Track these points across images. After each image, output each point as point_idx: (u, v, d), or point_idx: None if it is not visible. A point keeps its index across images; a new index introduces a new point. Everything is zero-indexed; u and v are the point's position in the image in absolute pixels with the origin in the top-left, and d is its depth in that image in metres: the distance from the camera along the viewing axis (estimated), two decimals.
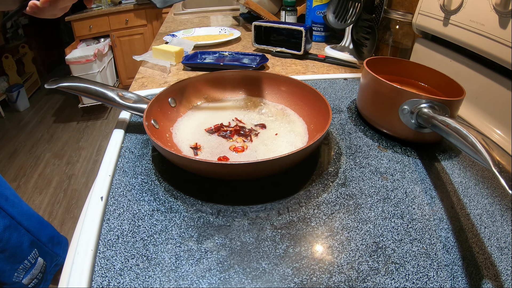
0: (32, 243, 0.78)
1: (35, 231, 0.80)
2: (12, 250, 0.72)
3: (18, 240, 0.74)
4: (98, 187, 0.36)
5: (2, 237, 0.70)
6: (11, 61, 2.59)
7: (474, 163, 0.42)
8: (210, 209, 0.34)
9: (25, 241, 0.76)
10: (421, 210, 0.34)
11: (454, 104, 0.41)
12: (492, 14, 0.45)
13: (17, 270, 0.74)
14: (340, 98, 0.58)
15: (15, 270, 0.73)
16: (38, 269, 0.79)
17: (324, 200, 0.35)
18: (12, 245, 0.72)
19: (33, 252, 0.78)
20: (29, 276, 0.77)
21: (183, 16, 1.37)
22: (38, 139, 2.28)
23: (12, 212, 0.74)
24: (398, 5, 0.77)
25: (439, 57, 0.60)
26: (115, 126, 0.48)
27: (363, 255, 0.29)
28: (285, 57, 0.81)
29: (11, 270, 0.73)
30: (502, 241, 0.31)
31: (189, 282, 0.27)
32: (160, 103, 0.46)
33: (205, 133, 0.46)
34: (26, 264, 0.76)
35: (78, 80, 0.45)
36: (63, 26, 3.34)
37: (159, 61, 0.75)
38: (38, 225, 0.83)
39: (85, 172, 1.94)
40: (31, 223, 0.80)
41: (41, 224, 0.84)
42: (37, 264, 0.79)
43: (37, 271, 0.79)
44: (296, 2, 0.97)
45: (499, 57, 0.45)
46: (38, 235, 0.81)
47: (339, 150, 0.44)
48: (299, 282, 0.27)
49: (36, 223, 0.82)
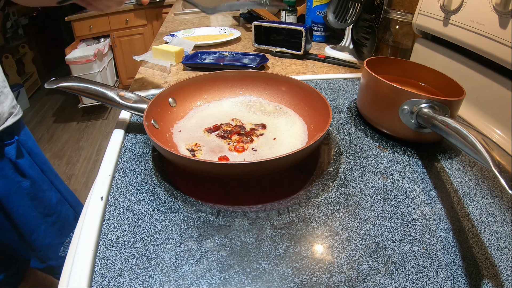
0: (75, 217, 0.82)
1: (76, 206, 0.85)
2: (62, 222, 0.76)
3: (66, 213, 0.78)
4: (98, 187, 0.36)
5: (55, 209, 0.74)
6: (11, 61, 2.59)
7: (474, 163, 0.42)
8: (210, 209, 0.34)
9: (70, 215, 0.80)
10: (421, 210, 0.34)
11: (454, 104, 0.41)
12: (492, 14, 0.45)
13: (63, 244, 0.77)
14: (340, 98, 0.58)
15: (61, 244, 0.77)
16: None
17: (324, 200, 0.35)
18: (62, 218, 0.76)
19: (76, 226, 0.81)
20: None
21: (183, 16, 1.37)
22: (38, 139, 2.28)
23: (60, 187, 0.78)
24: (398, 5, 0.77)
25: (439, 57, 0.60)
26: (115, 126, 0.48)
27: (363, 255, 0.29)
28: (285, 57, 0.81)
29: (58, 244, 0.76)
30: (502, 241, 0.31)
31: (189, 282, 0.27)
32: (160, 103, 0.46)
33: (205, 133, 0.46)
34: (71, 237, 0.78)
35: (78, 80, 0.45)
36: (63, 26, 3.34)
37: (159, 61, 0.75)
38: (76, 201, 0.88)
39: (85, 172, 1.94)
40: (73, 199, 0.84)
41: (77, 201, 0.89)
42: None
43: None
44: (296, 2, 0.97)
45: (499, 57, 0.45)
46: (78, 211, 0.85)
47: (339, 150, 0.44)
48: (299, 282, 0.27)
49: (75, 199, 0.87)
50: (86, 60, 2.28)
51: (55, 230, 0.74)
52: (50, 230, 0.72)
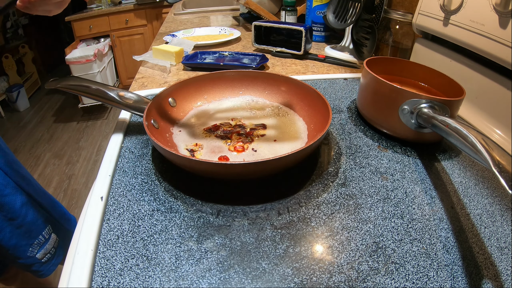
0: (46, 219, 0.81)
1: (49, 207, 0.83)
2: (28, 225, 0.75)
3: (34, 216, 0.76)
4: (98, 187, 0.36)
5: (20, 213, 0.72)
6: (11, 61, 2.59)
7: (474, 163, 0.42)
8: (210, 209, 0.34)
9: (40, 217, 0.78)
10: (421, 210, 0.34)
11: (454, 104, 0.41)
12: (492, 14, 0.45)
13: (31, 245, 0.76)
14: (340, 98, 0.58)
15: (29, 245, 0.76)
16: (51, 244, 0.82)
17: (324, 200, 0.35)
18: (28, 221, 0.74)
19: (47, 227, 0.81)
20: (42, 251, 0.79)
21: (183, 16, 1.37)
22: (38, 139, 2.28)
23: (28, 189, 0.76)
24: (398, 5, 0.77)
25: (439, 57, 0.60)
26: (115, 126, 0.48)
27: (363, 255, 0.29)
28: (285, 57, 0.81)
29: (26, 245, 0.75)
30: (502, 241, 0.31)
31: (189, 282, 0.27)
32: (160, 103, 0.46)
33: (205, 133, 0.46)
34: (40, 239, 0.78)
35: (78, 80, 0.45)
36: (63, 26, 3.34)
37: (159, 61, 0.75)
38: (51, 202, 0.86)
39: (85, 172, 1.94)
40: (45, 200, 0.82)
41: (52, 202, 0.87)
42: (51, 240, 0.82)
43: (51, 246, 0.82)
44: (296, 2, 0.97)
45: (499, 57, 0.45)
46: (52, 211, 0.84)
47: (339, 150, 0.44)
48: (299, 282, 0.27)
49: (49, 200, 0.85)
50: (86, 60, 2.28)
51: (21, 233, 0.73)
52: (15, 232, 0.71)
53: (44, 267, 0.80)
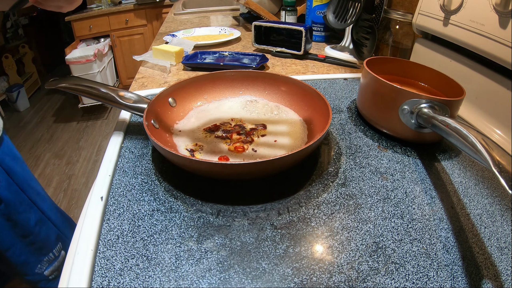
0: (57, 236, 0.80)
1: (60, 225, 0.83)
2: (40, 243, 0.74)
3: (46, 234, 0.76)
4: (98, 187, 0.36)
5: (33, 230, 0.72)
6: (11, 61, 2.59)
7: (474, 163, 0.42)
8: (210, 209, 0.34)
9: (52, 235, 0.78)
10: (421, 210, 0.34)
11: (454, 104, 0.41)
12: (492, 14, 0.45)
13: (41, 262, 0.76)
14: (340, 98, 0.58)
15: (39, 262, 0.75)
16: (60, 262, 0.82)
17: (324, 200, 0.35)
18: (41, 239, 0.74)
19: (58, 245, 0.81)
20: (51, 268, 0.79)
21: (183, 16, 1.37)
22: (38, 139, 2.28)
23: (43, 206, 0.76)
24: (398, 5, 0.77)
25: (439, 57, 0.60)
26: (115, 126, 0.48)
27: (363, 255, 0.29)
28: (285, 57, 0.81)
29: (35, 261, 0.75)
30: (502, 241, 0.31)
31: (189, 282, 0.27)
32: (160, 103, 0.46)
33: (205, 133, 0.46)
34: (50, 256, 0.78)
35: (78, 80, 0.45)
36: (63, 26, 3.34)
37: (159, 61, 0.75)
38: (63, 219, 0.85)
39: (85, 172, 1.94)
40: (57, 217, 0.82)
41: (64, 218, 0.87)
42: (60, 257, 0.82)
43: (59, 264, 0.81)
44: (296, 2, 0.97)
45: (499, 57, 0.45)
46: (63, 229, 0.84)
47: (339, 150, 0.44)
48: (299, 282, 0.27)
49: (61, 217, 0.84)
50: (86, 60, 2.28)
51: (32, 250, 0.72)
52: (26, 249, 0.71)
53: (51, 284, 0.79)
